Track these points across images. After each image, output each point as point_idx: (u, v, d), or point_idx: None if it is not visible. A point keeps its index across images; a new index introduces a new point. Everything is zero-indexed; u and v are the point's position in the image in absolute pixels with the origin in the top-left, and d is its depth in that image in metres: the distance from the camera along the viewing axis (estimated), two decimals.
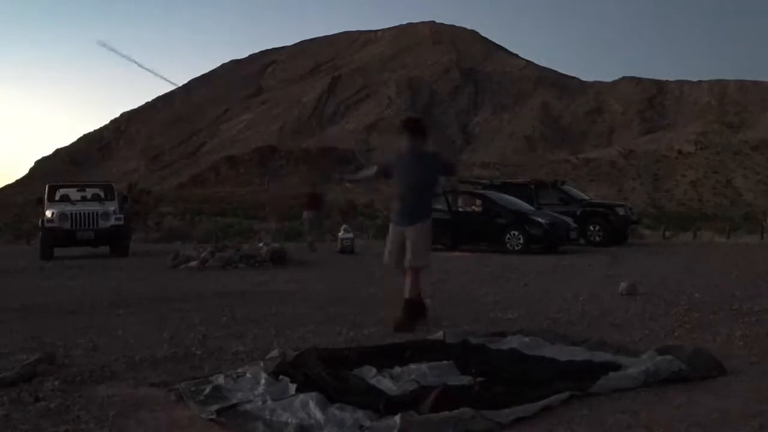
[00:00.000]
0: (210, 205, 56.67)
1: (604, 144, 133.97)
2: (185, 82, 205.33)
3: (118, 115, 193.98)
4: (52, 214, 14.58)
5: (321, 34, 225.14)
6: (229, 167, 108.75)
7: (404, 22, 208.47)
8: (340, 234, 16.01)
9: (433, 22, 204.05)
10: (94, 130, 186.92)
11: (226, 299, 7.35)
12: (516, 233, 14.87)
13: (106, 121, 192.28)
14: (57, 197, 15.68)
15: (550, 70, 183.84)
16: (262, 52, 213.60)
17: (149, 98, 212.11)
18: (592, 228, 17.40)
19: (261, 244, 13.73)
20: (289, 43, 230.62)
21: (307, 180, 17.11)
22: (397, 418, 2.86)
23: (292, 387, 3.39)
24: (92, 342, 4.89)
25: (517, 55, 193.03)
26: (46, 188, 15.86)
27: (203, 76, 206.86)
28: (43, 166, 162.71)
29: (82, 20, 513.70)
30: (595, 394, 3.38)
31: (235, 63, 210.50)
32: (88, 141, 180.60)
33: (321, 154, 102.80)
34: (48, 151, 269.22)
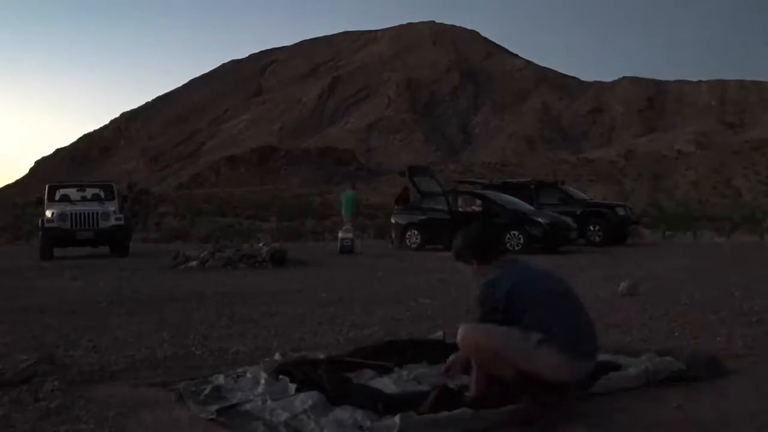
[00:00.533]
0: (210, 205, 56.66)
1: (604, 144, 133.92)
2: (185, 82, 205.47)
3: (118, 115, 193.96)
4: (52, 214, 14.57)
5: (321, 34, 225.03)
6: (229, 167, 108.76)
7: (404, 22, 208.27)
8: (340, 234, 15.99)
9: (433, 22, 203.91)
10: (94, 130, 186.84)
11: (226, 299, 7.36)
12: (516, 233, 14.87)
13: (106, 121, 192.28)
14: (57, 197, 15.68)
15: (550, 70, 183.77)
16: (262, 52, 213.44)
17: (149, 98, 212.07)
18: (592, 228, 17.41)
19: (261, 244, 13.73)
20: (289, 43, 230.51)
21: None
22: (397, 418, 2.86)
23: (292, 387, 3.39)
24: (92, 342, 4.89)
25: (517, 55, 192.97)
26: (46, 188, 15.86)
27: (203, 76, 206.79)
28: (43, 166, 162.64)
29: (82, 20, 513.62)
30: (595, 394, 3.38)
31: (235, 63, 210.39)
32: (88, 141, 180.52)
33: (321, 154, 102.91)
34: (48, 151, 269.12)
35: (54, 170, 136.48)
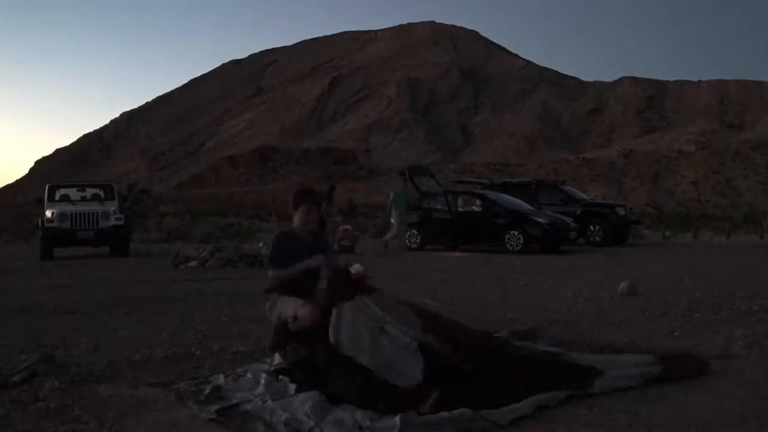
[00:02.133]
0: (210, 205, 56.64)
1: (604, 144, 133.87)
2: (185, 82, 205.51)
3: (118, 115, 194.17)
4: (52, 214, 14.57)
5: (321, 34, 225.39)
6: (229, 167, 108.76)
7: (404, 22, 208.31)
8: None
9: (433, 22, 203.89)
10: (94, 130, 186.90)
11: (226, 299, 7.35)
12: (516, 233, 14.88)
13: (106, 121, 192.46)
14: (57, 197, 15.69)
15: (550, 70, 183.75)
16: (262, 52, 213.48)
17: (149, 98, 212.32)
18: (592, 228, 17.42)
19: (261, 244, 13.72)
20: (289, 43, 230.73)
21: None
22: (397, 418, 2.86)
23: (292, 387, 3.39)
24: (92, 342, 4.88)
25: (517, 55, 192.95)
26: (46, 188, 15.86)
27: (203, 76, 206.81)
28: (43, 166, 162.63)
29: (82, 20, 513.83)
30: (595, 394, 3.38)
31: (235, 63, 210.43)
32: (88, 141, 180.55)
33: (321, 154, 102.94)
34: (48, 151, 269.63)
35: (54, 170, 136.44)
